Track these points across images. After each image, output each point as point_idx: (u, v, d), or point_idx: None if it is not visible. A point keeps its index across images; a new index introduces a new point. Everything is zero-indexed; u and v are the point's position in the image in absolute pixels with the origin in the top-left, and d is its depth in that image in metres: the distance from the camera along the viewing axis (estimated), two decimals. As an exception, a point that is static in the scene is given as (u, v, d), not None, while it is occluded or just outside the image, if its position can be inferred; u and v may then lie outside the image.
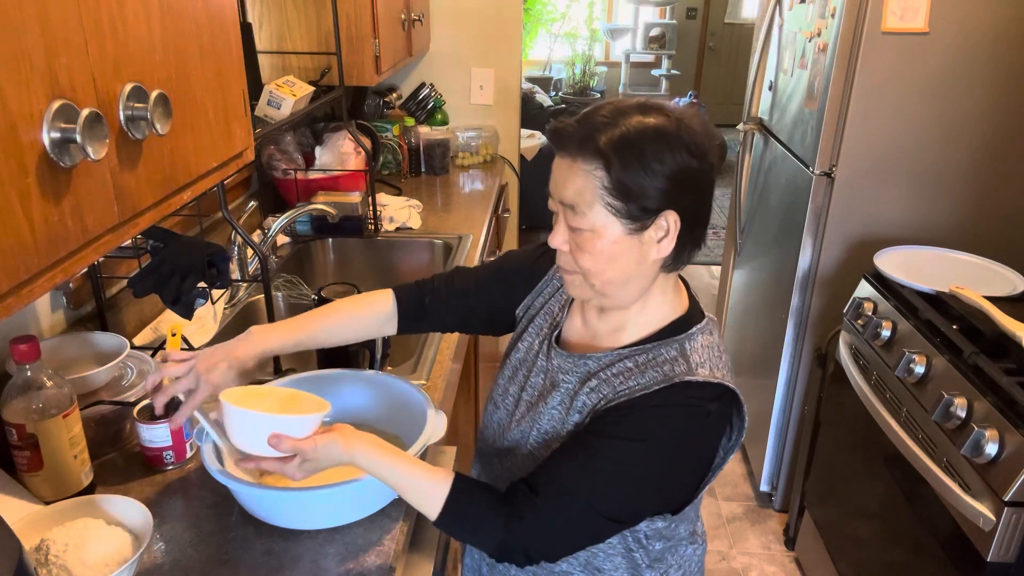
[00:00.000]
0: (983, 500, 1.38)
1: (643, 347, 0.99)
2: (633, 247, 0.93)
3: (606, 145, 0.89)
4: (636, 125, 0.90)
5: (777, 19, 2.67)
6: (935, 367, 1.63)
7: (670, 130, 0.90)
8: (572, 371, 1.04)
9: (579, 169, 0.91)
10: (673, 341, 0.99)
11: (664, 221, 0.92)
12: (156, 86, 0.83)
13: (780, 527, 2.57)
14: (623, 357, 0.99)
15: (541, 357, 1.10)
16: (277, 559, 1.03)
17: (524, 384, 1.11)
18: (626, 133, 0.89)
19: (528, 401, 1.09)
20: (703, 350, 0.98)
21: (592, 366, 1.02)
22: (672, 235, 0.93)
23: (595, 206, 0.91)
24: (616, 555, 1.05)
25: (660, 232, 0.93)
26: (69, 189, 0.69)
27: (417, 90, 2.91)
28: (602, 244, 0.93)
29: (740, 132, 2.91)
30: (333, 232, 2.22)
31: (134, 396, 1.26)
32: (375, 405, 1.28)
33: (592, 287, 0.97)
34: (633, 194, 0.90)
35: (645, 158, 0.89)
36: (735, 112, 3.94)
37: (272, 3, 2.10)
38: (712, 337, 1.01)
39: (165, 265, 1.36)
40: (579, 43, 7.77)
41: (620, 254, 0.93)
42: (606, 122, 0.90)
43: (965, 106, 2.07)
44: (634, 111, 0.91)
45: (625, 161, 0.89)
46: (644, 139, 0.89)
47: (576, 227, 0.93)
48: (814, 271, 2.28)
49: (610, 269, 0.94)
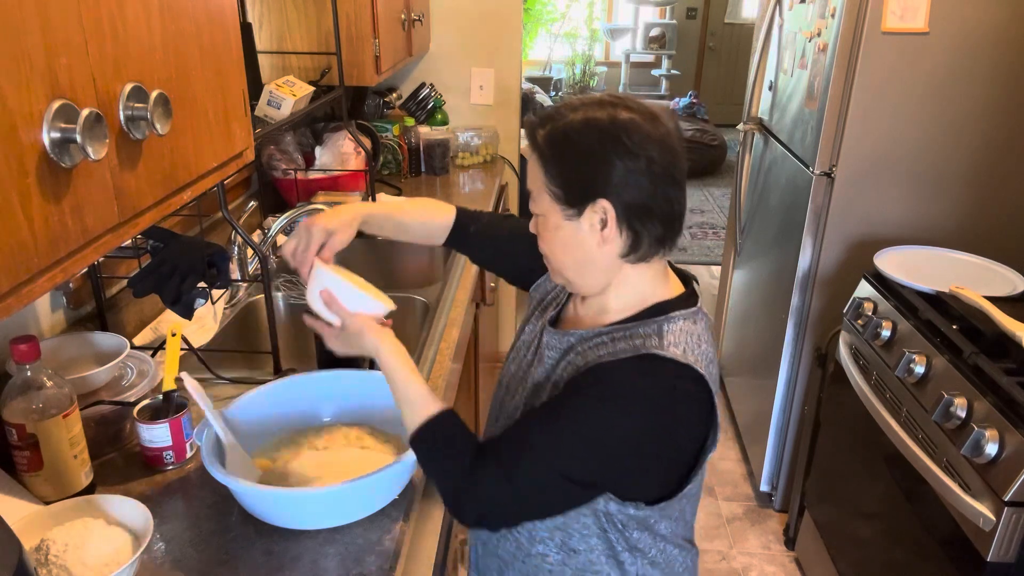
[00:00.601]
0: (983, 500, 1.38)
1: (623, 325, 1.02)
2: (576, 234, 0.98)
3: (543, 138, 0.97)
4: (578, 119, 0.95)
5: (777, 19, 2.67)
6: (935, 367, 1.63)
7: (608, 126, 0.94)
8: (556, 347, 1.08)
9: (532, 158, 1.00)
10: (652, 321, 1.00)
11: (599, 209, 0.95)
12: (156, 86, 0.83)
13: (780, 527, 2.57)
14: (602, 334, 1.03)
15: (536, 336, 1.15)
16: (277, 559, 1.03)
17: (520, 363, 1.16)
18: (565, 127, 0.96)
19: (519, 377, 1.14)
20: (681, 333, 0.99)
21: (572, 341, 1.05)
22: (611, 224, 0.96)
23: (541, 192, 0.99)
24: (591, 536, 1.04)
25: (597, 221, 0.96)
26: (69, 189, 0.69)
27: (417, 90, 2.91)
28: (551, 229, 1.00)
29: (740, 132, 2.91)
30: (333, 232, 2.22)
31: (134, 396, 1.26)
32: (375, 405, 1.28)
33: (555, 270, 1.05)
34: (565, 182, 0.96)
35: (576, 150, 0.95)
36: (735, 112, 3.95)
37: (272, 3, 2.10)
38: (695, 326, 1.02)
39: (165, 265, 1.36)
40: (579, 43, 7.78)
41: (567, 241, 0.99)
42: (554, 116, 0.98)
43: (965, 106, 2.07)
44: (589, 106, 0.97)
45: (557, 152, 0.96)
46: (579, 133, 0.95)
47: (534, 212, 1.02)
48: (814, 271, 2.28)
49: (562, 255, 1.01)
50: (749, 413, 2.85)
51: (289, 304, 1.87)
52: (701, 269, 4.76)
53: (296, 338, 1.85)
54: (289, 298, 1.87)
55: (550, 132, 0.97)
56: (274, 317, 1.48)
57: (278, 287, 1.87)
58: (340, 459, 1.22)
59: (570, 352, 1.05)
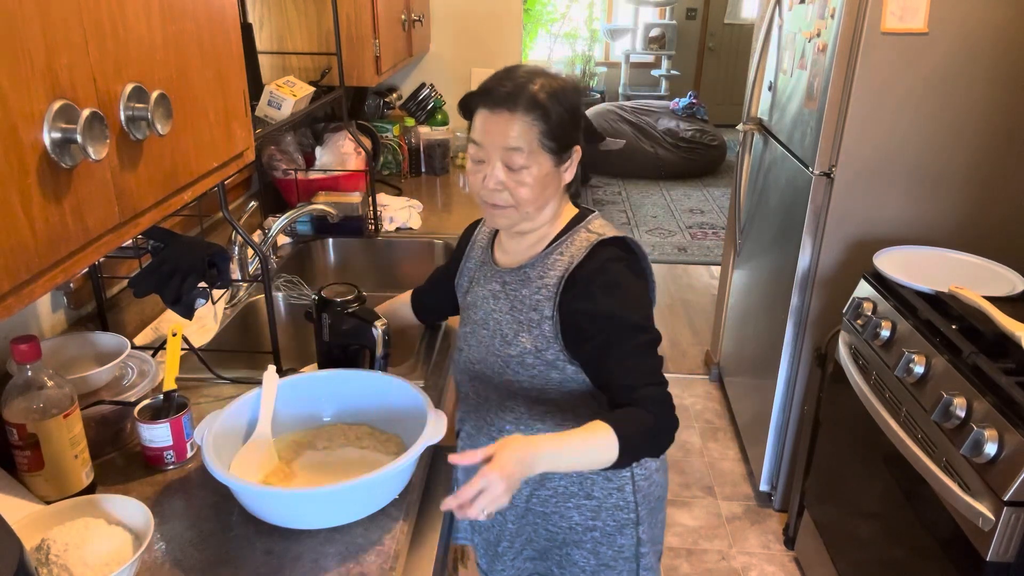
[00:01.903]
0: (982, 500, 1.38)
1: (559, 241, 1.25)
2: (556, 176, 1.21)
3: (544, 98, 1.15)
4: (551, 81, 1.17)
5: (777, 19, 2.67)
6: (934, 367, 1.63)
7: (568, 83, 1.20)
8: (515, 281, 1.27)
9: (519, 119, 1.14)
10: (579, 227, 1.26)
11: (573, 154, 1.22)
12: (157, 86, 0.83)
13: (780, 527, 2.57)
14: (551, 253, 1.25)
15: (483, 288, 1.32)
16: (277, 559, 1.03)
17: (477, 315, 1.32)
18: (552, 87, 1.16)
19: (483, 320, 1.30)
20: (603, 226, 1.26)
21: (531, 272, 1.25)
22: (574, 164, 1.23)
23: (534, 146, 1.15)
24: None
25: (569, 161, 1.22)
26: (70, 189, 0.70)
27: (417, 90, 2.91)
28: (538, 176, 1.17)
29: (740, 132, 2.91)
30: (333, 232, 2.23)
31: (135, 396, 1.26)
32: (375, 405, 1.29)
33: (524, 213, 1.21)
34: (562, 135, 1.17)
35: (564, 104, 1.16)
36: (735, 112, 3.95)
37: (272, 4, 2.10)
38: (605, 220, 1.29)
39: (166, 265, 1.36)
40: (579, 43, 7.77)
41: (549, 183, 1.20)
42: (528, 80, 1.16)
43: (965, 106, 2.07)
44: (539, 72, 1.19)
45: (556, 108, 1.15)
46: (563, 90, 1.17)
47: (519, 166, 1.16)
48: (814, 271, 2.29)
49: (541, 195, 1.20)
50: (749, 413, 2.85)
51: (289, 304, 1.87)
52: (701, 269, 4.76)
53: (296, 338, 1.85)
54: (289, 298, 1.87)
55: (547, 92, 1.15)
56: (274, 317, 1.48)
57: (278, 287, 1.87)
58: (340, 459, 1.23)
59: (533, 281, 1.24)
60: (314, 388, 1.31)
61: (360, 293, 1.39)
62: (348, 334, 1.37)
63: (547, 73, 1.19)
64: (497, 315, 1.28)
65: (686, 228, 5.41)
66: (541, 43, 7.62)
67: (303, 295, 1.86)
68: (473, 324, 1.33)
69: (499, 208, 1.21)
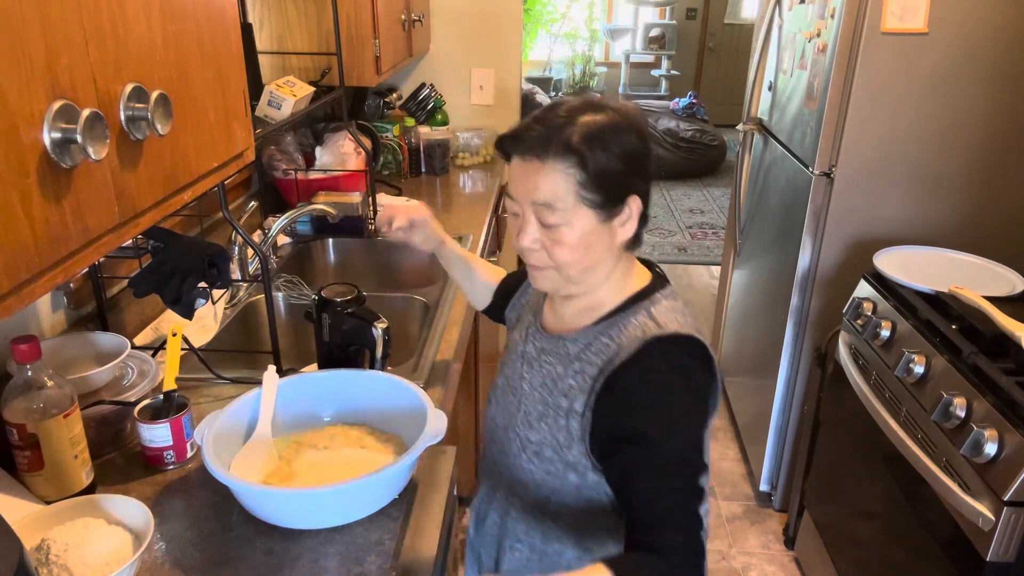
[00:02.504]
0: (982, 500, 1.38)
1: (613, 319, 1.05)
2: (604, 234, 1.01)
3: (579, 142, 0.95)
4: (594, 120, 0.97)
5: (777, 19, 2.67)
6: (934, 367, 1.63)
7: (623, 123, 0.98)
8: (553, 352, 1.10)
9: (551, 169, 0.96)
10: (639, 307, 1.05)
11: (630, 206, 1.01)
12: (157, 86, 0.83)
13: (780, 527, 2.57)
14: (598, 334, 1.05)
15: (520, 344, 1.18)
16: (278, 559, 1.03)
17: (507, 372, 1.18)
18: (590, 128, 0.96)
19: (511, 386, 1.16)
20: (668, 311, 1.04)
21: (572, 349, 1.07)
22: (634, 218, 1.02)
23: (570, 201, 0.97)
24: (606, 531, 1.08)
25: (624, 215, 1.01)
26: (70, 189, 0.70)
27: (417, 90, 2.91)
28: (578, 236, 0.99)
29: (740, 132, 2.91)
30: (333, 232, 2.23)
31: (135, 396, 1.26)
32: (375, 405, 1.29)
33: (566, 276, 1.03)
34: (606, 185, 0.97)
35: (610, 149, 0.96)
36: (735, 112, 3.95)
37: (272, 4, 2.10)
38: (676, 302, 1.07)
39: (166, 265, 1.36)
40: (579, 43, 7.78)
41: (594, 242, 1.00)
42: (566, 121, 0.96)
43: (964, 106, 2.07)
44: (584, 108, 0.98)
45: (596, 154, 0.95)
46: (606, 132, 0.97)
47: (552, 223, 0.99)
48: (814, 271, 2.29)
49: (586, 258, 1.01)
50: (749, 413, 2.85)
51: (289, 304, 1.87)
52: (701, 269, 4.76)
53: (296, 338, 1.85)
54: (289, 298, 1.87)
55: (584, 136, 0.95)
56: (274, 317, 1.48)
57: (278, 287, 1.87)
58: (340, 459, 1.22)
59: (574, 361, 1.06)
60: (314, 388, 1.31)
61: (360, 293, 1.39)
62: (348, 334, 1.37)
63: (595, 108, 0.99)
64: (527, 385, 1.12)
65: (686, 228, 5.41)
66: (541, 43, 7.62)
67: (303, 295, 1.86)
68: (504, 378, 1.19)
69: (538, 269, 1.05)
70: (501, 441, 1.16)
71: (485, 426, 1.25)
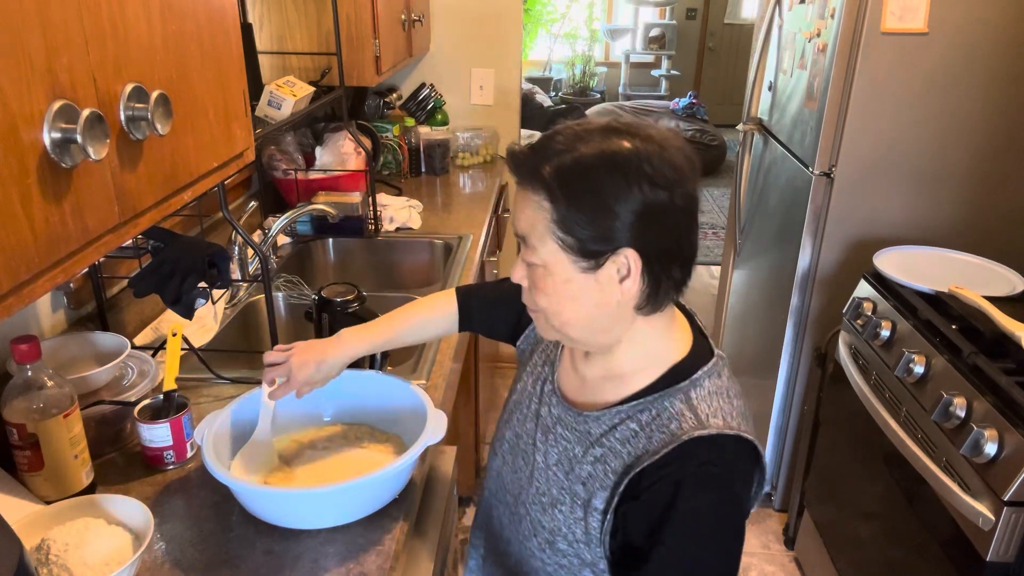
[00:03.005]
0: (982, 500, 1.38)
1: (644, 401, 0.89)
2: (590, 287, 0.84)
3: (551, 175, 0.81)
4: (591, 152, 0.81)
5: (777, 19, 2.67)
6: (934, 367, 1.63)
7: (630, 158, 0.80)
8: (572, 428, 0.95)
9: (530, 199, 0.83)
10: (677, 391, 0.88)
11: (622, 259, 0.82)
12: (157, 86, 0.83)
13: (780, 527, 2.57)
14: (625, 417, 0.90)
15: (534, 401, 1.03)
16: (278, 559, 1.03)
17: (518, 429, 1.04)
18: (578, 162, 0.81)
19: (523, 450, 1.02)
20: (712, 397, 0.88)
21: (594, 430, 0.92)
22: (635, 275, 0.83)
23: (546, 240, 0.83)
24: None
25: (621, 270, 0.83)
26: (70, 189, 0.70)
27: (417, 90, 2.91)
28: (555, 282, 0.85)
29: (740, 132, 2.91)
30: (333, 232, 2.23)
31: (135, 396, 1.26)
32: (375, 405, 1.29)
33: (554, 327, 0.89)
34: (582, 230, 0.81)
35: (596, 190, 0.80)
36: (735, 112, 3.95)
37: (272, 3, 2.10)
38: (721, 380, 0.91)
39: (166, 265, 1.36)
40: (579, 43, 7.78)
41: (578, 295, 0.85)
42: (560, 149, 0.82)
43: (964, 106, 2.07)
44: (596, 135, 0.83)
45: (571, 193, 0.80)
46: (596, 169, 0.80)
47: (530, 262, 0.86)
48: (814, 271, 2.29)
49: (567, 310, 0.86)
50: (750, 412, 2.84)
51: (289, 304, 1.87)
52: (701, 269, 4.76)
53: (296, 338, 1.85)
54: (289, 298, 1.87)
55: (560, 167, 0.81)
56: (274, 317, 1.48)
57: (278, 287, 1.87)
58: (340, 459, 1.23)
59: (594, 446, 0.91)
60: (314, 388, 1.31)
61: (360, 293, 1.39)
62: (348, 334, 1.37)
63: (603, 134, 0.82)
64: (540, 457, 0.97)
65: (686, 228, 5.41)
66: (541, 43, 7.63)
67: (303, 295, 1.86)
68: (514, 435, 1.04)
69: (532, 312, 0.92)
70: (511, 507, 1.03)
71: (488, 479, 1.12)
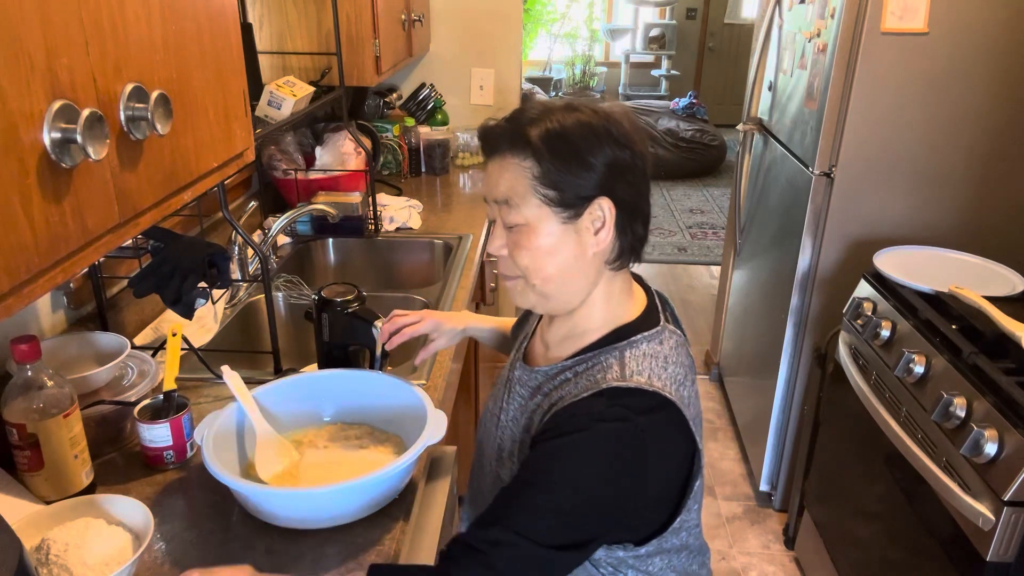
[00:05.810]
0: (982, 500, 1.38)
1: (585, 356, 0.97)
2: (570, 239, 0.93)
3: (537, 138, 0.91)
4: (564, 119, 0.92)
5: (777, 19, 2.67)
6: (934, 367, 1.63)
7: (597, 123, 0.92)
8: (526, 383, 1.04)
9: (509, 163, 0.92)
10: (614, 348, 0.95)
11: (599, 209, 0.92)
12: (157, 86, 0.83)
13: (780, 527, 2.57)
14: (566, 368, 0.98)
15: (507, 370, 1.13)
16: (278, 558, 1.03)
17: (493, 397, 1.14)
18: (555, 126, 0.91)
19: (493, 413, 1.12)
20: (644, 358, 0.93)
21: (540, 379, 1.01)
22: (609, 225, 0.92)
23: (528, 198, 0.92)
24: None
25: (596, 222, 0.93)
26: (70, 189, 0.69)
27: (417, 90, 2.91)
28: (539, 238, 0.93)
29: (740, 132, 2.91)
30: (333, 232, 2.23)
31: (135, 396, 1.26)
32: (375, 405, 1.29)
33: (533, 288, 0.96)
34: (565, 181, 0.90)
35: (575, 147, 0.90)
36: (735, 112, 3.95)
37: (272, 4, 2.11)
38: (661, 347, 0.95)
39: (166, 265, 1.36)
40: (579, 43, 7.78)
41: (558, 247, 0.93)
42: (534, 118, 0.92)
43: (964, 106, 2.07)
44: (560, 109, 0.93)
45: (555, 150, 0.90)
46: (572, 131, 0.91)
47: (512, 223, 0.94)
48: (814, 271, 2.29)
49: (549, 264, 0.94)
50: (749, 413, 2.85)
51: (289, 304, 1.87)
52: (701, 269, 4.76)
53: (296, 338, 1.85)
54: (289, 298, 1.87)
55: (546, 130, 0.91)
56: (274, 317, 1.48)
57: (278, 287, 1.87)
58: (340, 459, 1.22)
59: (537, 393, 1.00)
60: (314, 388, 1.31)
61: (360, 293, 1.39)
62: (348, 334, 1.37)
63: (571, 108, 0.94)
64: (503, 416, 1.07)
65: (686, 228, 5.41)
66: (541, 43, 7.63)
67: (303, 295, 1.86)
68: (492, 404, 1.14)
69: (509, 280, 0.98)
70: (484, 468, 1.11)
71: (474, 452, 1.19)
